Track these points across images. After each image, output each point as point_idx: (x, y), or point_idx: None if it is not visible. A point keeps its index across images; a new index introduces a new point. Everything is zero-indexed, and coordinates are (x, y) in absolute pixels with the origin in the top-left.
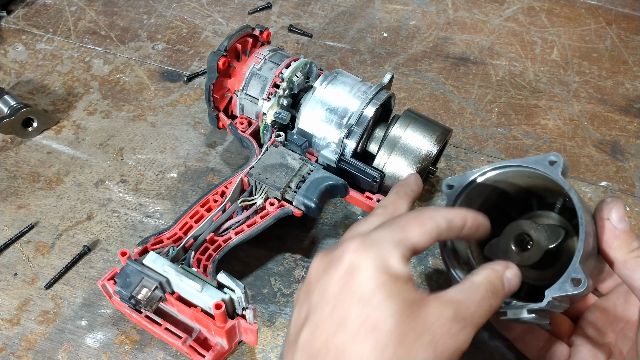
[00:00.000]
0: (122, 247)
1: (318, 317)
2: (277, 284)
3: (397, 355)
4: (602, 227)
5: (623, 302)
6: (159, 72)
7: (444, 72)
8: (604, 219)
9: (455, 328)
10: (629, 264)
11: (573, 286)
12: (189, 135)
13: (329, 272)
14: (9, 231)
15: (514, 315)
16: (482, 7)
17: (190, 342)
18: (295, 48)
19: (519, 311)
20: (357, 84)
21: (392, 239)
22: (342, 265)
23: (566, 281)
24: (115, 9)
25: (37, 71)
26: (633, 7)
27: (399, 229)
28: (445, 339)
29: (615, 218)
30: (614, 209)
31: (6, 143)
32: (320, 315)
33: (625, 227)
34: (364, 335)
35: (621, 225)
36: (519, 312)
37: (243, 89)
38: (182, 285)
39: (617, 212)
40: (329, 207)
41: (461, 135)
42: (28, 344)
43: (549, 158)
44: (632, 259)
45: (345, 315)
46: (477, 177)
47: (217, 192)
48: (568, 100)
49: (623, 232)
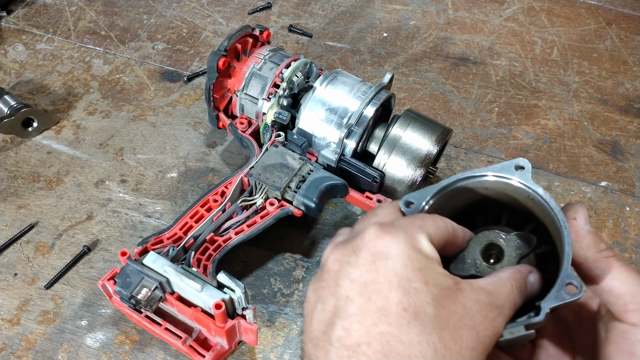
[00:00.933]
0: (122, 247)
1: (353, 309)
2: (277, 284)
3: (444, 341)
4: (571, 226)
5: (588, 296)
6: (159, 72)
7: (444, 72)
8: (571, 218)
9: (492, 314)
10: (599, 264)
11: (569, 293)
12: (189, 135)
13: (353, 262)
14: (9, 231)
15: (511, 335)
16: (482, 7)
17: (190, 342)
18: (295, 48)
19: (516, 329)
20: (357, 84)
21: (414, 224)
22: (368, 252)
23: (561, 289)
24: (115, 9)
25: (37, 71)
26: (633, 7)
27: (417, 219)
28: (485, 324)
29: (582, 219)
30: (579, 211)
31: (6, 143)
32: (355, 305)
33: (591, 229)
34: (407, 322)
35: (587, 227)
36: (516, 331)
37: (243, 89)
38: (182, 285)
39: (582, 215)
40: (329, 207)
41: (461, 135)
42: (28, 344)
43: (515, 163)
44: (602, 259)
45: (385, 303)
46: (439, 191)
47: (217, 192)
48: (568, 100)
49: (590, 232)
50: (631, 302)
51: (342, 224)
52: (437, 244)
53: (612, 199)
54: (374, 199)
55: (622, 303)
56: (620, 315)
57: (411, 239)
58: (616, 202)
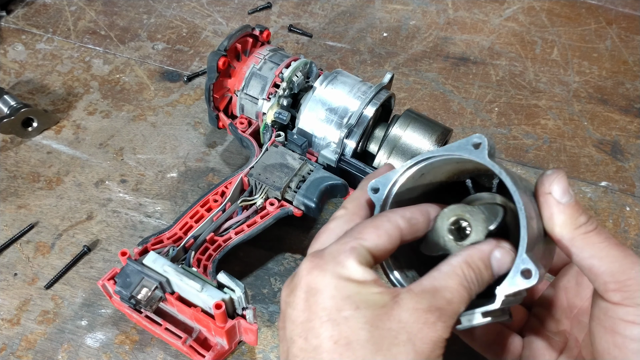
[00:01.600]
0: (122, 247)
1: (295, 350)
2: (277, 284)
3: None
4: (544, 203)
5: (574, 285)
6: (159, 72)
7: (444, 72)
8: (546, 193)
9: (431, 319)
10: (576, 242)
11: (524, 279)
12: (189, 135)
13: (292, 301)
14: (9, 231)
15: (468, 322)
16: (482, 7)
17: (190, 342)
18: (295, 48)
19: (472, 316)
20: (357, 84)
21: (344, 249)
22: (301, 290)
23: (516, 275)
24: (115, 9)
25: (37, 71)
26: (633, 7)
27: (352, 237)
28: (422, 332)
29: (557, 192)
30: (555, 182)
31: (6, 143)
32: (297, 347)
33: (569, 201)
34: (339, 355)
35: (565, 198)
36: (472, 318)
37: (243, 89)
38: (182, 285)
39: (560, 185)
40: (329, 207)
41: (461, 135)
42: (28, 344)
43: (472, 141)
44: (579, 236)
45: (318, 341)
46: (401, 174)
47: (217, 192)
48: (568, 100)
49: (567, 206)
50: (611, 281)
51: None
52: (382, 251)
53: (612, 199)
54: None
55: (602, 282)
56: (602, 293)
57: (339, 268)
58: (616, 202)
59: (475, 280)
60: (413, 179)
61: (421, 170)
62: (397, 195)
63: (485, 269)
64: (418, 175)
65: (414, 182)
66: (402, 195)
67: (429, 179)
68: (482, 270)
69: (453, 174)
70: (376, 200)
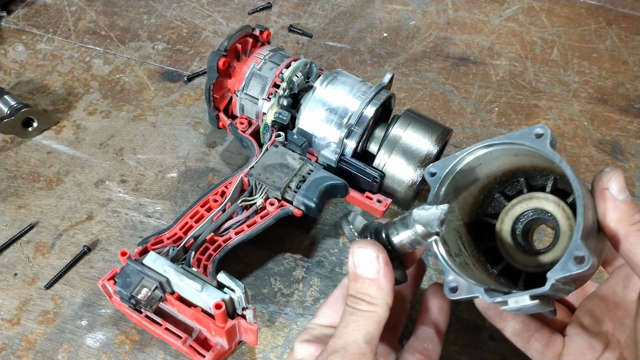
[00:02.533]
0: (122, 247)
1: None
2: (277, 284)
3: None
4: (601, 198)
5: (622, 287)
6: (159, 72)
7: (444, 72)
8: (603, 189)
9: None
10: (630, 238)
11: (577, 264)
12: (189, 135)
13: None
14: (9, 231)
15: (516, 304)
16: (482, 7)
17: (190, 342)
18: (295, 48)
19: (521, 299)
20: (357, 84)
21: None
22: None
23: (569, 260)
24: (115, 9)
25: (37, 71)
26: (633, 7)
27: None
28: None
29: (615, 188)
30: (613, 179)
31: (6, 143)
32: None
33: (626, 198)
34: None
35: (622, 196)
36: (521, 300)
37: (243, 89)
38: (182, 285)
39: (617, 183)
40: (329, 207)
41: (461, 135)
42: (28, 343)
43: (534, 131)
44: (633, 233)
45: None
46: (460, 160)
47: (217, 192)
48: (568, 100)
49: (624, 203)
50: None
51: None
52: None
53: None
54: (374, 199)
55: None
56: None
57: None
58: None
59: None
60: (469, 168)
61: (479, 159)
62: (454, 181)
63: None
64: (475, 165)
65: (470, 171)
66: (458, 182)
67: (485, 172)
68: (362, 295)
69: (509, 169)
70: (432, 182)
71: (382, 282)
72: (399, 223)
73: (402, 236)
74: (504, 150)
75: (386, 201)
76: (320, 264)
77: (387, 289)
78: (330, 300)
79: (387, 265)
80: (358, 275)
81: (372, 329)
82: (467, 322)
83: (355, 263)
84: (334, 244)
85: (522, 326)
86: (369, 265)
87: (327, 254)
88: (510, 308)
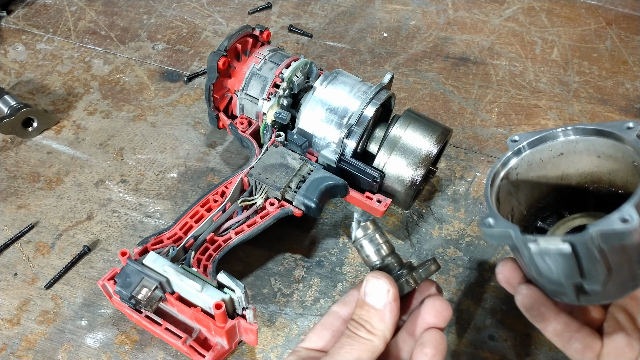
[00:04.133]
0: (122, 247)
1: None
2: (277, 284)
3: None
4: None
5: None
6: (159, 72)
7: (444, 72)
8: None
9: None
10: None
11: (620, 223)
12: (189, 135)
13: None
14: (9, 231)
15: (545, 243)
16: (482, 7)
17: (190, 342)
18: (295, 48)
19: (552, 240)
20: (357, 84)
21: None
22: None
23: (614, 217)
24: (115, 9)
25: (37, 71)
26: (633, 7)
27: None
28: None
29: None
30: None
31: (6, 143)
32: None
33: None
34: None
35: None
36: (551, 241)
37: (243, 89)
38: (182, 285)
39: None
40: (329, 207)
41: (461, 135)
42: (28, 343)
43: (626, 124)
44: None
45: None
46: (545, 133)
47: (217, 192)
48: (568, 100)
49: None
50: None
51: (342, 224)
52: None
53: None
54: (374, 199)
55: None
56: None
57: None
58: None
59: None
60: (550, 152)
61: (562, 146)
62: (531, 159)
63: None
64: (557, 153)
65: (551, 157)
66: (535, 166)
67: (562, 170)
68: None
69: (587, 174)
70: (512, 147)
71: (387, 315)
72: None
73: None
74: (589, 144)
75: (386, 201)
76: (320, 264)
77: (389, 324)
78: (318, 327)
79: (395, 301)
80: (365, 303)
81: (364, 356)
82: (467, 322)
83: (367, 291)
84: (334, 244)
85: (564, 326)
86: (378, 296)
87: (327, 254)
88: (539, 247)
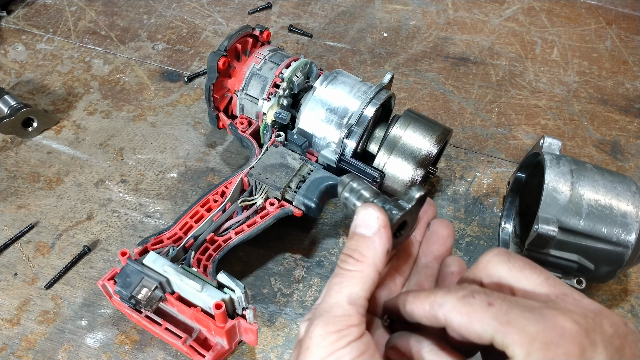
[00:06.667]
0: (122, 247)
1: None
2: (277, 284)
3: None
4: None
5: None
6: (159, 72)
7: (444, 72)
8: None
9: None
10: None
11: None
12: (189, 135)
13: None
14: (9, 231)
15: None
16: (482, 7)
17: (190, 342)
18: (295, 48)
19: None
20: (357, 84)
21: (329, 305)
22: (302, 348)
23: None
24: (115, 9)
25: (37, 71)
26: (633, 7)
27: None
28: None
29: None
30: None
31: (6, 143)
32: None
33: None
34: None
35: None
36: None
37: (243, 89)
38: (182, 285)
39: None
40: (329, 207)
41: (461, 135)
42: (28, 343)
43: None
44: None
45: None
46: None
47: (217, 192)
48: (568, 100)
49: None
50: None
51: (342, 224)
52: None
53: None
54: None
55: None
56: None
57: (321, 323)
58: None
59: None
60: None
61: None
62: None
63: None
64: None
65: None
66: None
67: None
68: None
69: None
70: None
71: (376, 241)
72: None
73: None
74: None
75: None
76: (320, 264)
77: (379, 250)
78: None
79: (385, 227)
80: (355, 234)
81: (356, 289)
82: None
83: (357, 223)
84: (334, 244)
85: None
86: (367, 224)
87: (327, 254)
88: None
